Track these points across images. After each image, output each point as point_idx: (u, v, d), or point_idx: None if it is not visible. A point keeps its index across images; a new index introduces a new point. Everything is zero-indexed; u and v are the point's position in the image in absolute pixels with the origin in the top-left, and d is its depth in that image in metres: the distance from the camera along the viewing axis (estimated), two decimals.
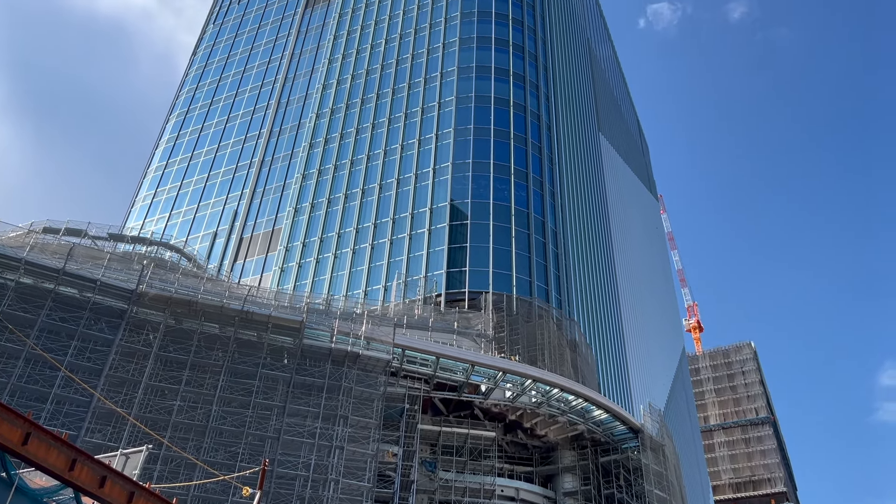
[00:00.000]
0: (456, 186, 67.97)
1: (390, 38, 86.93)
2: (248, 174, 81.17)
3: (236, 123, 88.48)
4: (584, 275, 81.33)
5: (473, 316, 56.85)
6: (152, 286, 43.97)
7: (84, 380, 38.57)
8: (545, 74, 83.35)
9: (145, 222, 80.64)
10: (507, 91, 76.28)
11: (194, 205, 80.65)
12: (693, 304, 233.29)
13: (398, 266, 64.18)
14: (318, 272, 67.86)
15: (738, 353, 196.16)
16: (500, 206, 66.59)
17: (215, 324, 45.07)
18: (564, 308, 65.14)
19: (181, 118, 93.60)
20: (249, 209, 77.36)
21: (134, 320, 43.13)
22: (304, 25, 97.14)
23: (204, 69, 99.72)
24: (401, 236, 66.58)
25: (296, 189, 75.89)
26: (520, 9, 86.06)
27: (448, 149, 71.18)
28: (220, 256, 73.70)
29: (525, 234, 65.81)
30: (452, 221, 65.44)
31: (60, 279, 41.71)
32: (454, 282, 61.57)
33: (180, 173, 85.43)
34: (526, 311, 59.97)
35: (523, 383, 52.28)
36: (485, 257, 62.66)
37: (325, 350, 45.97)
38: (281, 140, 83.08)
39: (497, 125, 72.91)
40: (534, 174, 71.20)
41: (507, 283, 61.30)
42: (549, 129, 78.07)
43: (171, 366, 42.99)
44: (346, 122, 80.00)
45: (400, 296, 60.99)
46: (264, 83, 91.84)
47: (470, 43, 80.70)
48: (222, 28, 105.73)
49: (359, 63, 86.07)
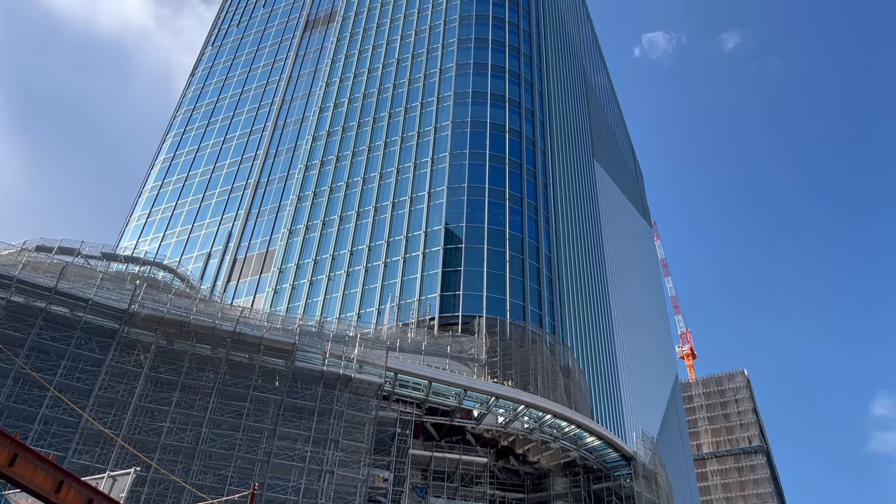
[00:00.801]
0: (451, 210, 68.17)
1: (388, 62, 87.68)
2: (243, 195, 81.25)
3: (232, 144, 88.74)
4: (578, 300, 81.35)
5: (467, 340, 56.68)
6: (144, 306, 43.75)
7: (73, 400, 38.20)
8: (541, 101, 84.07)
9: (139, 242, 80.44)
10: (503, 117, 76.85)
11: (189, 225, 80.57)
12: (686, 331, 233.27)
13: (392, 289, 64.10)
14: (312, 294, 67.70)
15: (731, 381, 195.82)
16: (494, 231, 66.76)
17: (207, 345, 44.81)
18: (558, 333, 65.06)
19: (177, 138, 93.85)
20: (244, 230, 77.33)
21: (125, 340, 42.86)
22: (303, 49, 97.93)
23: (202, 90, 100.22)
24: (395, 259, 66.59)
25: (291, 210, 75.96)
26: (516, 36, 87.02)
27: (443, 173, 71.51)
28: (213, 277, 73.48)
29: (519, 259, 65.91)
30: (447, 245, 65.53)
31: (52, 298, 41.48)
32: (448, 305, 61.48)
33: (175, 193, 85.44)
34: (519, 335, 59.87)
35: (516, 409, 52.01)
36: (479, 281, 62.67)
37: (316, 373, 45.69)
38: (277, 161, 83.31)
39: (493, 150, 73.33)
40: (529, 199, 71.50)
41: (500, 308, 61.25)
42: (544, 155, 78.57)
43: (161, 387, 42.64)
44: (343, 144, 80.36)
45: (393, 319, 60.82)
46: (261, 105, 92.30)
47: (467, 69, 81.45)
48: (221, 50, 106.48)
49: (356, 87, 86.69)
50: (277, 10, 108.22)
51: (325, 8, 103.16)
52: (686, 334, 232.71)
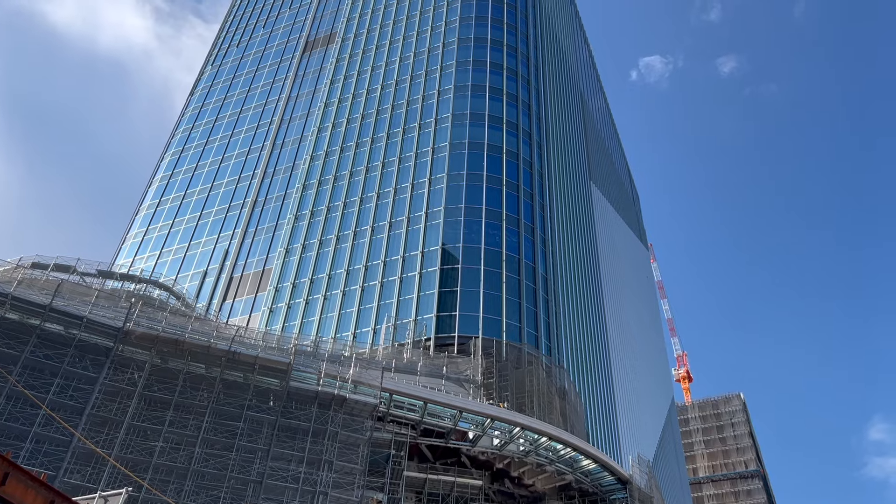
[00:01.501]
0: (448, 231, 68.26)
1: (387, 83, 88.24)
2: (240, 214, 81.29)
3: (231, 163, 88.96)
4: (574, 322, 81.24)
5: (462, 361, 56.49)
6: (140, 324, 43.57)
7: (66, 419, 37.90)
8: (538, 123, 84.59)
9: (135, 259, 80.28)
10: (501, 138, 77.25)
11: (185, 243, 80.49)
12: (682, 354, 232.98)
13: (388, 309, 63.96)
14: (308, 313, 67.52)
15: (727, 405, 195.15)
16: (491, 252, 66.80)
17: (202, 364, 44.58)
18: (554, 355, 64.89)
19: (176, 157, 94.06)
20: (241, 249, 77.27)
21: (119, 359, 42.61)
22: (302, 69, 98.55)
23: (201, 109, 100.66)
24: (391, 279, 66.53)
25: (288, 229, 75.98)
26: (514, 59, 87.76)
27: (441, 193, 71.69)
28: (209, 295, 73.28)
29: (515, 280, 65.90)
30: (443, 265, 65.52)
31: (46, 315, 41.29)
32: (444, 326, 61.33)
33: (172, 211, 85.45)
34: (515, 357, 59.69)
35: (511, 431, 51.71)
36: (475, 302, 62.58)
37: (311, 393, 45.44)
38: (275, 180, 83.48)
39: (490, 171, 73.62)
40: (525, 220, 71.66)
41: (496, 329, 61.12)
42: (540, 177, 78.88)
43: (154, 406, 42.33)
44: (341, 164, 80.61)
45: (389, 339, 60.62)
46: (260, 124, 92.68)
47: (465, 91, 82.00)
48: (220, 69, 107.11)
49: (354, 107, 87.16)
50: (277, 31, 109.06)
51: (324, 29, 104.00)
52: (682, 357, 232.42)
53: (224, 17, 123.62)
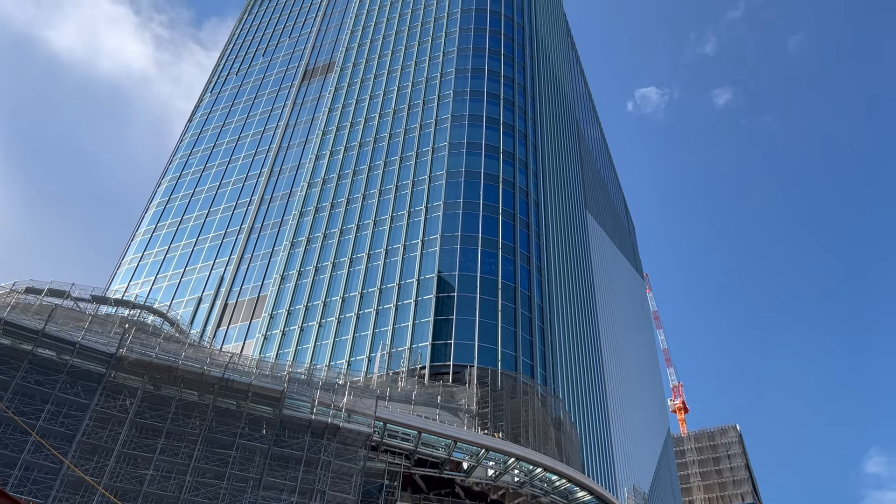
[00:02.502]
0: (444, 258, 68.30)
1: (385, 112, 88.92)
2: (236, 240, 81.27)
3: (228, 190, 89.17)
4: (570, 351, 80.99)
5: (458, 390, 56.11)
6: (133, 350, 43.25)
7: (55, 446, 37.45)
8: (534, 153, 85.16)
9: (130, 285, 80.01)
10: (497, 167, 77.71)
11: (181, 269, 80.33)
12: (678, 385, 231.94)
13: (383, 336, 63.71)
14: (302, 341, 67.19)
15: (723, 436, 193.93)
16: (487, 280, 66.78)
17: (194, 391, 44.19)
18: (549, 385, 64.56)
19: (173, 182, 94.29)
20: (236, 275, 77.11)
21: (111, 385, 42.23)
22: (301, 97, 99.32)
23: (199, 136, 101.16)
24: (387, 306, 66.35)
25: (284, 256, 75.94)
26: (511, 89, 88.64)
27: (437, 221, 71.87)
28: (203, 322, 72.93)
29: (511, 309, 65.79)
30: (439, 293, 65.42)
31: (39, 340, 40.99)
32: (439, 354, 61.05)
33: (168, 237, 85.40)
34: (511, 386, 59.35)
35: (506, 461, 51.24)
36: (471, 330, 62.39)
37: (304, 421, 45.03)
38: (272, 207, 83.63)
39: (486, 200, 73.92)
40: (521, 249, 71.78)
41: (492, 358, 60.86)
42: (537, 206, 79.21)
43: (146, 433, 41.87)
44: (338, 192, 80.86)
45: (383, 367, 60.27)
46: (258, 151, 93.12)
47: (462, 120, 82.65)
48: (219, 97, 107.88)
49: (352, 136, 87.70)
50: (277, 60, 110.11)
51: (324, 58, 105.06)
52: (678, 388, 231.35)
53: (224, 44, 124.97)
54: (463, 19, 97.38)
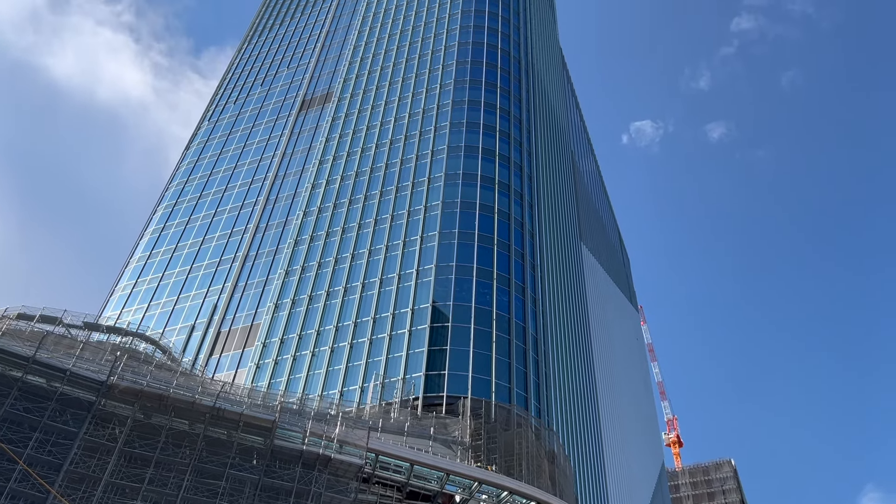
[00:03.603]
0: (439, 289, 68.22)
1: (381, 143, 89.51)
2: (230, 268, 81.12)
3: (223, 217, 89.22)
4: (564, 383, 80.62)
5: (451, 422, 55.66)
6: (124, 378, 42.89)
7: (43, 475, 36.93)
8: (529, 184, 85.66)
9: (123, 312, 79.59)
10: (493, 198, 78.06)
11: (174, 296, 79.97)
12: (673, 418, 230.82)
13: (376, 367, 63.32)
14: (295, 370, 66.72)
15: (718, 471, 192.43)
16: (481, 311, 66.66)
17: (185, 420, 43.74)
18: (543, 417, 64.11)
19: (168, 210, 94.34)
20: (230, 303, 76.81)
21: (101, 413, 41.80)
22: (298, 127, 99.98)
23: (196, 163, 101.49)
24: (381, 336, 66.08)
25: (278, 284, 75.74)
26: (507, 121, 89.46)
27: (432, 251, 71.94)
28: (196, 350, 72.41)
29: (506, 340, 65.59)
30: (433, 323, 65.21)
31: (29, 367, 40.65)
32: (433, 385, 60.66)
33: (163, 264, 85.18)
34: (504, 418, 58.90)
35: (500, 495, 50.66)
36: (465, 361, 62.09)
37: (296, 452, 44.55)
38: (267, 236, 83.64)
39: (481, 231, 74.11)
40: (516, 280, 71.80)
41: (486, 389, 60.49)
42: (531, 237, 79.44)
43: (135, 462, 41.33)
44: (333, 221, 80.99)
45: (376, 398, 59.80)
46: (254, 180, 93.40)
47: (458, 151, 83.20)
48: (217, 125, 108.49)
49: (349, 165, 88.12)
50: (275, 89, 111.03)
51: (321, 89, 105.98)
52: (672, 421, 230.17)
53: (223, 73, 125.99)
54: (460, 52, 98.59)
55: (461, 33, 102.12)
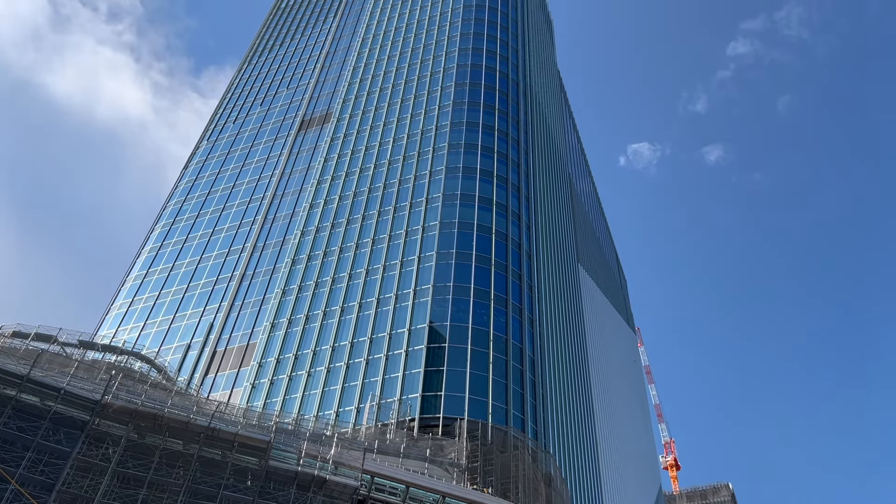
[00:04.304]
0: (436, 309, 68.08)
1: (379, 163, 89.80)
2: (227, 287, 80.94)
3: (221, 236, 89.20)
4: (561, 405, 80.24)
5: (447, 443, 55.29)
6: (118, 397, 42.62)
7: (35, 494, 36.55)
8: (527, 205, 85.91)
9: (118, 330, 79.24)
10: (490, 219, 78.20)
11: (170, 315, 79.70)
12: (670, 441, 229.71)
13: (373, 387, 62.99)
14: (291, 390, 66.35)
15: (715, 495, 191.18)
16: (478, 331, 66.49)
17: (179, 440, 43.40)
18: (540, 439, 63.73)
19: (166, 228, 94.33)
20: (226, 322, 76.54)
21: (94, 432, 41.47)
22: (297, 147, 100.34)
23: (194, 182, 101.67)
24: (377, 356, 65.81)
25: (275, 304, 75.55)
26: (505, 143, 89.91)
27: (430, 271, 71.90)
28: (191, 369, 72.04)
29: (503, 361, 65.36)
30: (430, 344, 65.00)
31: (24, 386, 40.38)
32: (429, 406, 60.33)
33: (159, 283, 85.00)
34: (501, 440, 58.54)
35: None
36: (461, 383, 61.81)
37: (290, 473, 44.18)
38: (264, 255, 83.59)
39: (479, 251, 74.15)
40: (513, 301, 71.71)
41: (482, 411, 60.16)
42: (529, 258, 79.49)
43: (128, 483, 40.93)
44: (331, 240, 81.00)
45: (372, 419, 59.43)
46: (252, 199, 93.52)
47: (456, 172, 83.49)
48: (216, 144, 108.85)
49: (347, 185, 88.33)
50: (274, 109, 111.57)
51: (321, 109, 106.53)
52: (670, 444, 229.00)
53: (223, 93, 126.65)
54: (458, 74, 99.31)
55: (460, 56, 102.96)
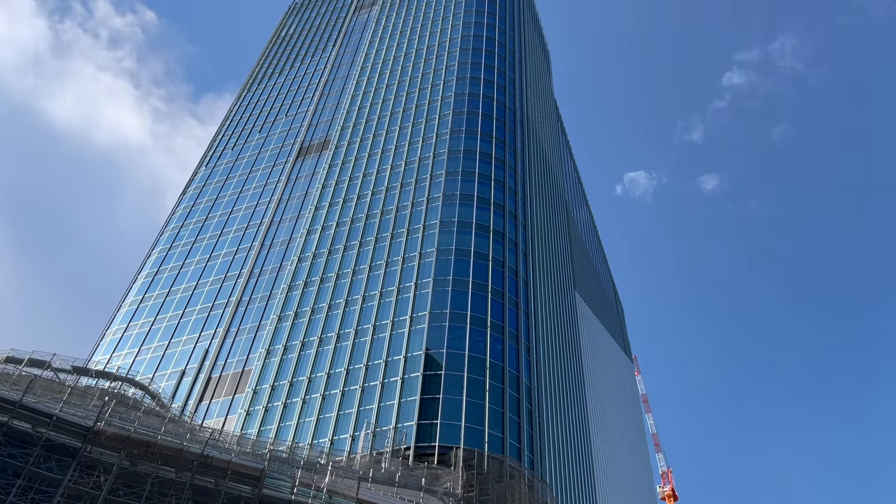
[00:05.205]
0: (432, 336, 67.89)
1: (377, 190, 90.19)
2: (223, 313, 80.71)
3: (217, 262, 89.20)
4: (558, 434, 79.71)
5: (442, 472, 54.75)
6: (111, 424, 42.27)
7: None
8: (524, 232, 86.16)
9: (113, 356, 78.82)
10: (487, 246, 78.38)
11: (165, 341, 79.35)
12: (668, 471, 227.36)
13: (368, 415, 62.54)
14: (285, 417, 65.84)
15: None
16: (475, 359, 66.25)
17: (172, 468, 42.99)
18: (537, 468, 63.18)
19: (163, 254, 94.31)
20: (221, 348, 76.19)
21: (86, 460, 41.06)
22: (295, 173, 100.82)
23: (191, 208, 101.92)
24: (373, 384, 65.45)
25: (270, 330, 75.31)
26: (502, 171, 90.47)
27: (426, 298, 71.83)
28: (185, 396, 71.49)
29: (499, 389, 65.02)
30: (426, 371, 64.71)
31: (16, 412, 40.06)
32: (425, 435, 59.86)
33: (155, 309, 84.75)
34: (497, 469, 58.01)
35: None
36: (457, 411, 61.41)
37: (284, 502, 43.73)
38: (261, 281, 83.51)
39: (475, 278, 74.18)
40: (510, 328, 71.57)
41: (478, 440, 59.69)
42: (526, 285, 79.51)
43: None
44: (328, 266, 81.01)
45: (367, 447, 58.93)
46: (249, 225, 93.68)
47: (453, 199, 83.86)
48: (214, 170, 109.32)
49: (345, 211, 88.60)
50: (273, 136, 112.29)
51: (319, 136, 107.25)
52: (667, 474, 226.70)
53: (221, 119, 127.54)
54: (456, 103, 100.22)
55: (458, 84, 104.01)
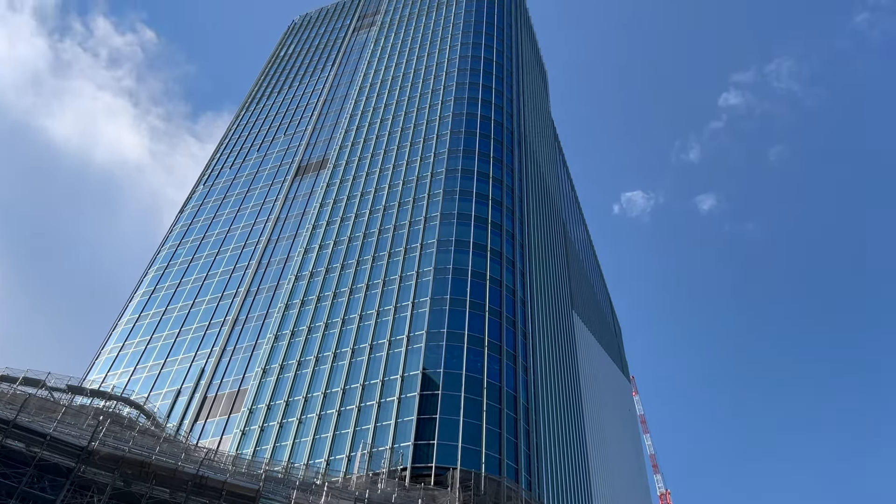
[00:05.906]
0: (429, 355, 67.65)
1: (375, 209, 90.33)
2: (219, 332, 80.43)
3: (214, 281, 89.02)
4: (555, 454, 79.22)
5: (439, 494, 54.30)
6: (105, 444, 41.93)
7: None
8: (521, 252, 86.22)
9: (108, 375, 78.36)
10: (485, 265, 78.38)
11: (161, 360, 78.97)
12: (666, 492, 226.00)
13: (364, 435, 62.14)
14: (281, 437, 65.38)
15: None
16: (472, 378, 65.97)
17: (166, 488, 42.59)
18: (534, 489, 62.72)
19: (160, 272, 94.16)
20: (217, 368, 75.82)
21: (80, 480, 40.68)
22: (293, 192, 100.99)
23: (189, 227, 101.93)
24: (370, 403, 65.10)
25: (267, 349, 74.99)
26: (500, 190, 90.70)
27: (423, 318, 71.66)
28: (181, 415, 71.02)
29: (496, 409, 64.70)
30: (423, 391, 64.39)
31: (9, 431, 39.74)
32: (421, 455, 59.43)
33: (151, 327, 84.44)
34: (494, 491, 57.55)
35: None
36: (454, 431, 61.03)
37: None
38: (258, 300, 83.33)
39: (473, 297, 74.09)
40: (507, 347, 71.37)
41: (475, 460, 59.28)
42: (523, 304, 79.42)
43: None
44: (325, 286, 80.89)
45: (364, 467, 58.48)
46: (247, 244, 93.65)
47: (451, 218, 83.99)
48: (212, 189, 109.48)
49: (342, 230, 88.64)
50: (271, 155, 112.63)
51: (317, 155, 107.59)
52: (666, 495, 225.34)
53: (220, 138, 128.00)
54: (454, 122, 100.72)
55: (455, 104, 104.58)
